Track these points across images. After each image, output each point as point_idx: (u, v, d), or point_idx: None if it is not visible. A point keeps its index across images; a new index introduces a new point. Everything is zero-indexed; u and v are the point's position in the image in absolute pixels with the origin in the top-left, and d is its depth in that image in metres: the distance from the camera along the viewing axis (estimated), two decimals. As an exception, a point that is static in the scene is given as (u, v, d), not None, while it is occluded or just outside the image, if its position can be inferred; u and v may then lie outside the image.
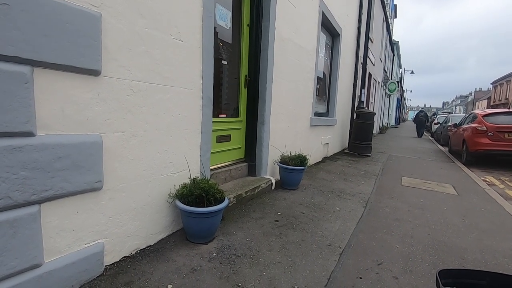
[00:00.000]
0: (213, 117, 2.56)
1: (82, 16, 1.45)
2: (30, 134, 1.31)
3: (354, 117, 7.35)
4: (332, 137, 6.62)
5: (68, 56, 1.40)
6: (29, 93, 1.29)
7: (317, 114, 5.62)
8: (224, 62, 3.10)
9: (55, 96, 1.40)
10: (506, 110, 7.93)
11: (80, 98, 1.50)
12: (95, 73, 1.54)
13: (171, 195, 2.13)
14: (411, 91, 66.23)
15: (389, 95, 23.00)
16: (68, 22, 1.39)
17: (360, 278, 1.82)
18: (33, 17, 1.27)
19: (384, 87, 19.87)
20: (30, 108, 1.30)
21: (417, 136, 14.91)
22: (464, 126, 7.83)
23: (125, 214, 1.82)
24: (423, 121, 14.89)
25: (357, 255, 2.11)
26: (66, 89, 1.44)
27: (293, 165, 3.59)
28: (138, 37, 1.77)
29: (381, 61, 16.27)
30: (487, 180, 5.47)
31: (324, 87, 6.38)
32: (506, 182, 5.43)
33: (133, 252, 1.92)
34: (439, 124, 14.44)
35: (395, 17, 26.35)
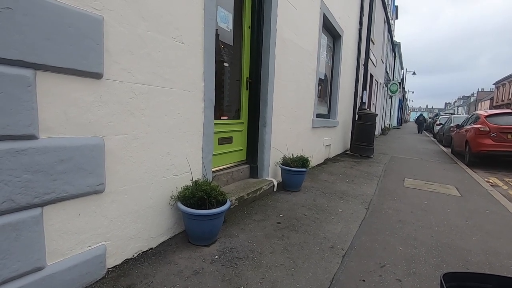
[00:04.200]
0: (214, 119, 2.56)
1: (84, 19, 1.45)
2: (32, 137, 1.32)
3: (356, 119, 7.33)
4: (334, 139, 6.61)
5: (70, 59, 1.41)
6: (32, 97, 1.29)
7: (318, 115, 5.61)
8: (226, 64, 3.11)
9: (58, 99, 1.41)
10: (509, 110, 7.88)
11: (83, 101, 1.51)
12: (97, 76, 1.55)
13: (173, 197, 2.13)
14: (413, 92, 66.22)
15: (391, 96, 22.99)
16: (70, 26, 1.40)
17: (363, 280, 1.81)
18: (35, 21, 1.28)
19: (386, 88, 19.86)
20: (33, 111, 1.30)
21: (417, 132, 20.67)
22: (467, 127, 7.80)
23: (127, 217, 1.82)
24: (422, 122, 21.59)
25: (360, 257, 2.10)
26: (69, 92, 1.45)
27: (295, 167, 3.58)
28: (140, 39, 1.78)
29: (383, 62, 16.26)
30: (491, 181, 5.44)
31: (326, 89, 6.37)
32: (510, 183, 5.39)
33: (135, 255, 1.92)
34: (441, 125, 14.41)
35: (397, 18, 26.34)
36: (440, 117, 19.11)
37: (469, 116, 8.91)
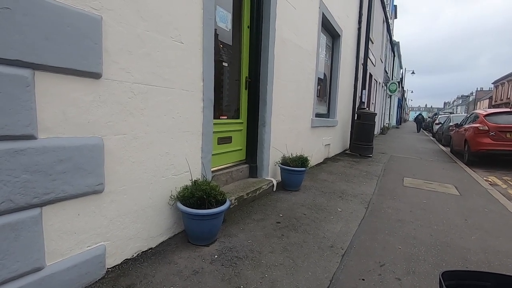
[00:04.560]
0: (214, 119, 2.56)
1: (83, 19, 1.45)
2: (31, 137, 1.31)
3: (355, 118, 7.34)
4: (333, 138, 6.61)
5: (69, 59, 1.41)
6: (30, 97, 1.29)
7: (318, 115, 5.61)
8: (225, 64, 3.10)
9: (57, 99, 1.40)
10: (508, 109, 7.90)
11: (81, 101, 1.51)
12: (96, 76, 1.55)
13: (173, 197, 2.13)
14: (412, 92, 66.36)
15: (390, 96, 23.06)
16: (69, 26, 1.40)
17: (363, 279, 1.81)
18: (34, 21, 1.27)
19: (385, 88, 19.88)
20: (31, 111, 1.30)
21: (416, 131, 21.82)
22: (466, 126, 7.81)
23: (127, 217, 1.82)
24: (420, 120, 22.99)
25: (359, 256, 2.10)
26: (67, 92, 1.44)
27: (294, 166, 3.59)
28: (139, 39, 1.78)
29: (382, 62, 16.27)
30: (490, 180, 5.45)
31: (325, 88, 6.38)
32: (509, 182, 5.41)
33: (135, 255, 1.91)
34: (440, 125, 14.44)
35: (395, 17, 26.38)
36: (439, 116, 19.16)
37: (468, 115, 8.92)
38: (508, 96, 38.23)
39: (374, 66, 12.91)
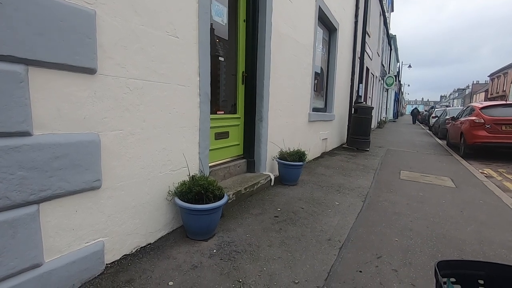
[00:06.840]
0: (211, 114, 2.55)
1: (76, 13, 1.43)
2: (26, 133, 1.30)
3: (352, 112, 7.35)
4: (330, 132, 6.63)
5: (63, 54, 1.39)
6: (24, 93, 1.28)
7: (315, 109, 5.61)
8: (221, 59, 3.08)
9: (51, 95, 1.39)
10: (504, 102, 7.95)
11: (76, 96, 1.49)
12: (90, 71, 1.53)
13: (170, 192, 2.13)
14: (408, 85, 66.50)
15: (387, 89, 23.11)
16: (62, 20, 1.38)
17: (360, 271, 1.84)
18: (27, 16, 1.25)
19: (382, 81, 19.89)
20: (26, 108, 1.29)
21: (412, 123, 24.38)
22: (462, 119, 7.85)
23: (125, 213, 1.82)
24: (416, 113, 25.71)
25: (356, 249, 2.12)
26: (62, 88, 1.43)
27: (292, 161, 3.59)
28: (133, 34, 1.76)
29: (379, 56, 16.24)
30: (485, 172, 5.50)
31: (322, 82, 6.36)
32: (504, 174, 5.46)
33: (134, 250, 1.92)
34: (437, 118, 14.51)
35: (392, 10, 26.28)
36: (436, 109, 19.25)
37: (464, 108, 8.96)
38: (504, 89, 38.41)
39: (371, 59, 12.89)
